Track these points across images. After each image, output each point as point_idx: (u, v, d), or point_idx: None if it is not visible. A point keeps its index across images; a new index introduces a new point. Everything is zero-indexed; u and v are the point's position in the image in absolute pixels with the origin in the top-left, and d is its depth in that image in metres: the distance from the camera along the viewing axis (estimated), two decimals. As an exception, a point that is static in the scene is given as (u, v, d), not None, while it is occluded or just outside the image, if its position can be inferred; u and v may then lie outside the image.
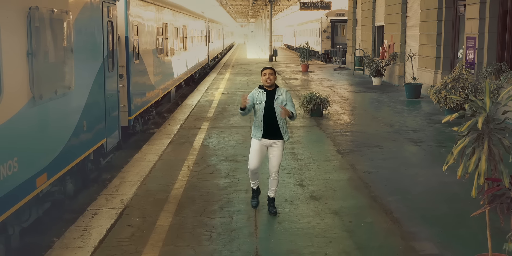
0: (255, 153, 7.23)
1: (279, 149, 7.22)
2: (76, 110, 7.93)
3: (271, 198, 7.40)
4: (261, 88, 7.22)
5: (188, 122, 14.94)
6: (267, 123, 7.12)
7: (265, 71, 7.16)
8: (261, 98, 7.12)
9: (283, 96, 7.12)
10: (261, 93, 7.16)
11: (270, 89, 7.16)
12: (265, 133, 7.15)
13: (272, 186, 7.38)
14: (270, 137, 7.17)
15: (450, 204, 7.61)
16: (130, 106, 12.06)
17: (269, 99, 7.10)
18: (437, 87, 14.31)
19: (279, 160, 7.26)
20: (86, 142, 8.49)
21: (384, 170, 9.45)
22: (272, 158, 7.26)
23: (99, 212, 7.55)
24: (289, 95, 7.22)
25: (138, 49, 12.86)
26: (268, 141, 7.19)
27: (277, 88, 7.22)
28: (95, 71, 8.83)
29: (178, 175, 9.35)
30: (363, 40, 29.65)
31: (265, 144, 7.22)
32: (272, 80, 7.12)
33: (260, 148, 7.22)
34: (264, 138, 7.18)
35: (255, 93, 7.20)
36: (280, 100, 7.10)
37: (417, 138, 12.10)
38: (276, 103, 7.08)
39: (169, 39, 17.69)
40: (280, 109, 6.96)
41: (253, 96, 7.17)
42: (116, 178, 9.32)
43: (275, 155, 7.23)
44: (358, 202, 7.75)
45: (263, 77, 7.13)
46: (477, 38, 15.27)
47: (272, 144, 7.20)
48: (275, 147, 7.21)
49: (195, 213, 7.41)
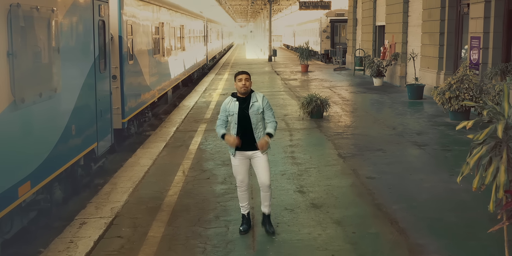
0: (237, 168, 6.43)
1: (263, 159, 6.32)
2: (64, 113, 7.52)
3: (266, 215, 6.58)
4: (233, 96, 6.36)
5: (184, 124, 14.54)
6: (243, 134, 6.25)
7: (240, 76, 6.26)
8: (233, 108, 6.25)
9: (259, 102, 6.25)
10: (233, 102, 6.28)
11: (244, 96, 6.29)
12: (242, 146, 6.27)
13: (266, 201, 6.50)
14: (248, 148, 6.31)
15: (458, 213, 7.19)
16: (124, 108, 11.64)
17: (243, 107, 6.23)
18: (441, 88, 13.89)
19: (267, 172, 6.36)
20: (75, 147, 8.08)
21: (388, 176, 9.04)
22: (259, 171, 6.37)
23: (88, 221, 7.14)
24: (267, 100, 6.36)
25: (132, 49, 12.44)
26: (246, 153, 6.33)
27: (252, 93, 6.33)
28: (85, 72, 8.41)
29: (173, 181, 8.94)
30: (364, 40, 29.25)
31: (245, 157, 6.37)
32: (248, 87, 6.25)
33: (240, 162, 6.38)
34: (241, 150, 6.31)
35: (226, 103, 6.35)
36: (256, 108, 6.22)
37: (421, 141, 11.69)
38: (251, 111, 6.22)
39: (165, 39, 17.27)
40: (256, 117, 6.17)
41: (225, 107, 6.34)
42: (108, 184, 8.91)
43: (260, 167, 6.34)
44: (362, 211, 7.33)
45: (239, 83, 6.23)
46: (482, 38, 14.86)
47: (252, 155, 6.35)
48: (257, 159, 6.33)
49: (189, 222, 7.00)
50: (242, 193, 6.57)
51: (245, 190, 6.56)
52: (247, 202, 6.64)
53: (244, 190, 6.55)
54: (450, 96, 13.53)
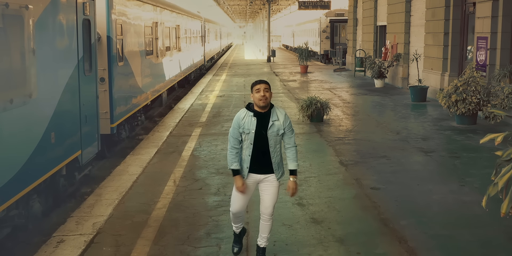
0: (238, 195, 5.49)
1: (273, 186, 5.44)
2: (41, 120, 6.88)
3: (261, 248, 5.68)
4: (249, 109, 5.34)
5: (178, 128, 13.90)
6: (257, 156, 5.33)
7: (258, 86, 5.25)
8: (250, 125, 5.26)
9: (280, 121, 5.29)
10: (250, 118, 5.27)
11: (263, 110, 5.31)
12: (253, 168, 5.39)
13: (264, 232, 5.61)
14: (260, 171, 5.40)
15: (472, 230, 6.55)
16: (112, 113, 11.00)
17: (261, 125, 5.26)
18: (447, 90, 13.27)
19: (274, 200, 5.48)
20: (55, 156, 7.44)
21: (394, 186, 8.40)
22: (265, 197, 5.47)
23: (66, 239, 6.51)
24: (289, 120, 5.39)
25: (122, 50, 11.80)
26: (257, 176, 5.42)
27: (272, 108, 5.35)
28: (66, 76, 7.77)
29: (162, 192, 8.30)
30: (364, 41, 28.62)
31: (254, 181, 5.46)
32: (268, 99, 5.25)
33: (247, 186, 5.46)
34: (252, 172, 5.42)
35: (241, 117, 5.32)
36: (276, 128, 5.27)
37: (427, 147, 11.05)
38: (270, 132, 5.27)
39: (159, 40, 16.63)
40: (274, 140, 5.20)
41: (239, 123, 5.32)
42: (92, 195, 8.28)
43: (268, 193, 5.45)
44: (366, 227, 6.70)
45: (256, 95, 5.23)
46: (489, 38, 14.23)
47: (264, 179, 5.44)
48: (268, 183, 5.44)
49: (177, 240, 6.37)
50: (236, 218, 5.75)
51: (240, 216, 5.73)
52: (241, 223, 5.89)
53: (238, 216, 5.72)
54: (456, 99, 12.91)
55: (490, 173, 9.04)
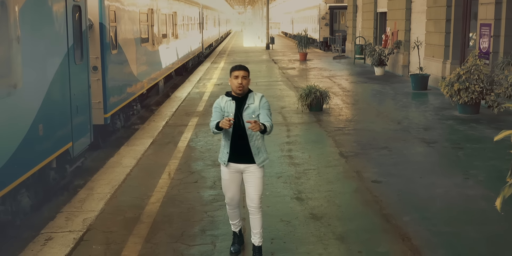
0: (227, 183, 5.44)
1: (256, 176, 5.31)
2: (27, 112, 6.57)
3: (256, 246, 5.47)
4: (228, 95, 5.32)
5: (175, 117, 13.60)
6: (236, 141, 5.24)
7: (236, 72, 5.17)
8: (229, 109, 5.22)
9: (255, 104, 5.23)
10: (229, 102, 5.25)
11: (240, 96, 5.27)
12: (234, 155, 5.28)
13: (255, 228, 5.42)
14: (240, 160, 5.29)
15: (478, 226, 6.27)
16: (106, 102, 10.68)
17: (238, 109, 5.22)
18: (449, 79, 12.95)
19: (258, 191, 5.33)
20: (44, 149, 7.14)
21: (396, 179, 8.12)
22: (249, 189, 5.34)
23: (55, 236, 6.24)
24: (265, 101, 5.30)
25: (116, 37, 11.46)
26: (239, 165, 5.31)
27: (250, 93, 5.30)
28: (55, 65, 7.45)
29: (156, 185, 8.03)
30: (364, 28, 28.21)
31: (236, 170, 5.34)
32: (244, 86, 5.18)
33: (231, 176, 5.36)
34: (233, 162, 5.30)
35: (220, 102, 5.29)
36: (252, 110, 5.20)
37: (429, 137, 10.76)
38: (245, 114, 5.19)
39: (155, 27, 16.26)
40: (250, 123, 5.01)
41: (220, 106, 5.28)
42: (83, 189, 8.00)
43: (251, 184, 5.32)
44: (368, 223, 6.42)
45: (234, 81, 5.16)
46: (493, 25, 13.87)
47: (245, 169, 5.32)
48: (250, 174, 5.31)
49: (170, 238, 6.10)
50: (232, 211, 5.63)
51: (236, 208, 5.59)
52: (238, 219, 5.70)
53: (234, 207, 5.58)
54: (459, 88, 12.59)
55: (494, 165, 8.83)
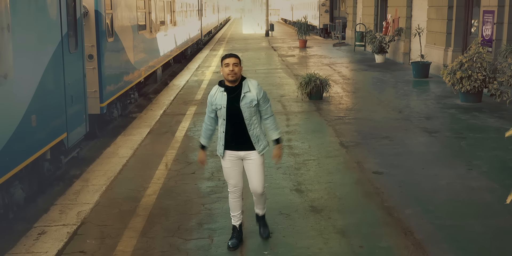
0: (228, 171, 5.39)
1: (256, 163, 5.29)
2: (19, 103, 6.38)
3: (260, 216, 5.72)
4: (220, 84, 5.23)
5: (173, 106, 13.42)
6: (233, 130, 5.20)
7: (227, 60, 5.10)
8: (221, 101, 5.14)
9: (252, 93, 5.15)
10: (221, 93, 5.16)
11: (233, 85, 5.17)
12: (231, 143, 5.24)
13: (259, 204, 5.62)
14: (239, 147, 5.25)
15: (483, 219, 6.12)
16: (102, 91, 10.47)
17: (232, 99, 5.13)
18: (451, 67, 12.74)
19: (260, 178, 5.33)
20: (37, 141, 6.96)
21: (397, 170, 7.96)
22: (251, 176, 5.34)
23: (48, 230, 6.09)
24: (262, 90, 5.25)
25: (112, 25, 11.23)
26: (238, 153, 5.28)
27: (244, 81, 5.22)
28: (48, 54, 7.24)
29: (153, 176, 7.87)
30: (365, 14, 27.91)
31: (236, 158, 5.31)
32: (237, 74, 5.11)
33: (232, 163, 5.33)
34: (231, 150, 5.27)
35: (212, 94, 5.23)
36: (249, 99, 5.13)
37: (431, 127, 10.58)
38: (243, 104, 5.12)
39: (153, 14, 16.01)
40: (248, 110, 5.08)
41: (211, 100, 5.23)
42: (78, 181, 7.84)
43: (252, 172, 5.31)
44: (369, 216, 6.27)
45: (225, 69, 5.08)
46: (496, 12, 13.63)
47: (245, 156, 5.29)
48: (250, 161, 5.29)
49: (166, 232, 5.95)
50: (234, 200, 5.51)
51: (239, 197, 5.50)
52: (240, 211, 5.58)
53: (237, 196, 5.49)
54: (461, 76, 12.39)
55: (498, 156, 8.67)
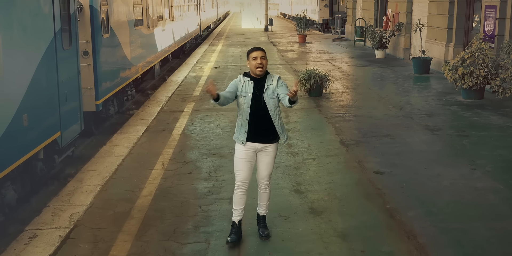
0: (241, 162, 5.46)
1: (270, 156, 5.50)
2: (9, 102, 6.18)
3: (261, 216, 5.72)
4: (247, 75, 5.43)
5: (170, 103, 13.21)
6: (255, 122, 5.37)
7: (254, 53, 5.31)
8: (247, 89, 5.35)
9: (273, 84, 5.38)
10: (247, 82, 5.38)
11: (259, 77, 5.38)
12: (252, 135, 5.40)
13: (263, 200, 5.66)
14: (259, 140, 5.42)
15: (488, 222, 5.94)
16: (97, 89, 10.26)
17: (257, 90, 5.35)
18: (453, 63, 12.54)
19: (269, 169, 5.56)
20: (29, 141, 6.77)
21: (399, 170, 7.77)
22: (261, 166, 5.53)
23: (40, 234, 5.90)
24: (282, 81, 5.45)
25: (108, 20, 11.01)
26: (256, 145, 5.44)
27: (268, 75, 5.44)
28: (40, 51, 7.04)
29: (149, 176, 7.68)
30: (365, 9, 27.68)
31: (253, 150, 5.45)
32: (264, 67, 5.32)
33: (247, 155, 5.44)
34: (251, 141, 5.42)
35: (239, 82, 5.42)
36: (271, 90, 5.36)
37: (433, 124, 10.39)
38: (266, 95, 5.34)
39: (150, 9, 15.78)
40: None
41: (236, 85, 5.41)
42: (72, 181, 7.64)
43: (264, 162, 5.51)
44: (371, 219, 6.08)
45: (253, 62, 5.29)
46: (498, 7, 13.43)
47: (262, 149, 5.47)
48: (265, 154, 5.49)
49: (162, 235, 5.76)
50: (240, 194, 5.55)
51: (245, 191, 5.54)
52: (243, 205, 5.59)
53: (243, 190, 5.53)
54: (463, 73, 12.19)
55: (502, 155, 8.48)
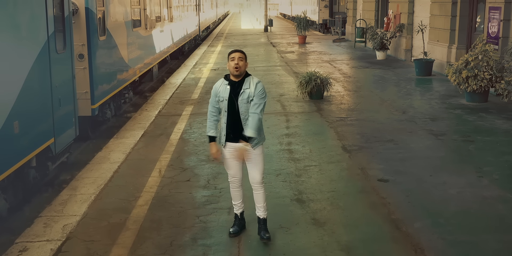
0: (228, 161, 5.64)
1: (255, 153, 5.50)
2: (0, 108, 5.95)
3: (261, 219, 5.68)
4: (226, 78, 5.51)
5: (168, 106, 12.97)
6: (232, 125, 5.48)
7: (233, 54, 5.43)
8: (224, 94, 5.44)
9: (251, 89, 5.37)
10: (224, 86, 5.47)
11: (237, 79, 5.43)
12: (230, 136, 5.50)
13: (259, 202, 5.65)
14: (237, 140, 5.48)
15: (498, 234, 5.70)
16: (93, 92, 10.02)
17: (234, 93, 5.41)
18: (457, 66, 12.29)
19: (260, 168, 5.56)
20: (20, 148, 6.52)
21: (404, 177, 7.52)
22: (250, 165, 5.57)
23: (30, 247, 5.65)
24: (261, 88, 5.41)
25: (104, 22, 10.76)
26: (237, 145, 5.50)
27: (247, 77, 5.46)
28: (32, 55, 6.79)
29: (145, 184, 7.43)
30: (365, 10, 27.43)
31: (235, 149, 5.53)
32: (241, 68, 5.38)
33: (232, 154, 5.57)
34: (230, 141, 5.52)
35: (217, 86, 5.54)
36: (247, 95, 5.36)
37: (437, 129, 10.14)
38: (240, 99, 5.37)
39: (148, 10, 15.53)
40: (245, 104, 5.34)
41: (215, 91, 5.54)
42: (66, 189, 7.40)
43: (252, 161, 5.53)
44: (376, 231, 5.84)
45: (231, 63, 5.39)
46: (503, 8, 13.18)
47: (248, 151, 5.51)
48: (252, 156, 5.51)
49: (158, 248, 5.52)
50: (234, 190, 5.77)
51: (238, 187, 5.75)
52: (241, 200, 5.78)
53: (236, 186, 5.74)
54: (467, 75, 11.94)
55: (509, 161, 8.22)
